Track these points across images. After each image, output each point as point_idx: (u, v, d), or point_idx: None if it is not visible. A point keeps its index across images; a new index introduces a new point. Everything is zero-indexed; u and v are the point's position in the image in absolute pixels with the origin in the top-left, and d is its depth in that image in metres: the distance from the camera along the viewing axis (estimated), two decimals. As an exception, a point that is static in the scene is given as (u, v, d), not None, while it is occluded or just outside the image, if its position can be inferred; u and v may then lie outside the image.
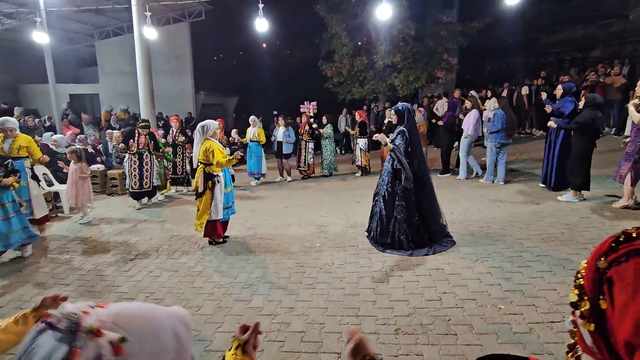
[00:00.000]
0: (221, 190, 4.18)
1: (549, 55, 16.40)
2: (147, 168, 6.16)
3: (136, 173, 6.09)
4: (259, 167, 8.04)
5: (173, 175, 7.31)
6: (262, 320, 2.71)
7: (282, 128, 8.26)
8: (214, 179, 4.12)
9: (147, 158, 6.16)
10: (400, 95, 12.08)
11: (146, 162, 6.15)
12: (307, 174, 8.56)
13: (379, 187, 4.11)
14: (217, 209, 4.16)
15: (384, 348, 2.35)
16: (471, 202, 5.42)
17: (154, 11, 10.25)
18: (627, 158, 4.48)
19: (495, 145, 6.39)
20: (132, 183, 6.10)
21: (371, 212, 4.22)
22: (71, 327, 0.50)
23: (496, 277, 3.13)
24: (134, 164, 6.10)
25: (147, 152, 6.16)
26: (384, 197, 3.98)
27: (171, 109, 14.04)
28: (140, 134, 6.14)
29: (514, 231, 4.12)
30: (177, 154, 7.23)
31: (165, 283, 3.43)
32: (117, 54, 15.27)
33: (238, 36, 18.80)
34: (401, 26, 11.02)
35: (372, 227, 4.15)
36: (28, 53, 14.19)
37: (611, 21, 13.83)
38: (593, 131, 4.85)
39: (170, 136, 7.24)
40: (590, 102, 4.88)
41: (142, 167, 6.11)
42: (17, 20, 12.06)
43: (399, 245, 3.83)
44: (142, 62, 9.14)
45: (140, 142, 6.11)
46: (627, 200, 4.53)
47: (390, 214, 3.91)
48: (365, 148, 8.31)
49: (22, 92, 16.06)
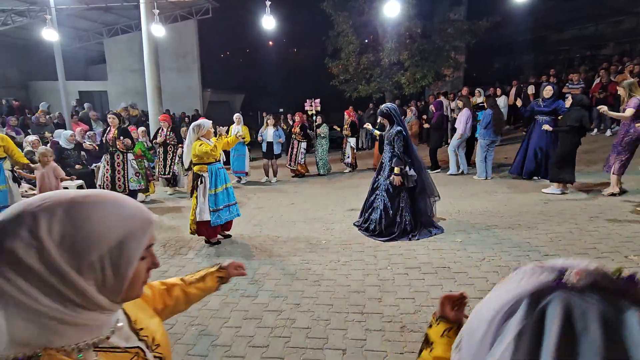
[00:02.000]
0: (205, 191, 4.00)
1: (558, 53, 16.18)
2: (119, 169, 5.54)
3: (108, 175, 5.53)
4: (242, 166, 7.83)
5: (163, 176, 6.90)
6: (268, 316, 2.73)
7: (271, 128, 7.98)
8: (200, 178, 4.01)
9: (118, 158, 5.54)
10: (406, 93, 12.04)
11: (118, 163, 5.54)
12: (299, 173, 8.51)
13: (379, 181, 4.30)
14: (201, 210, 3.98)
15: (389, 345, 2.35)
16: (478, 200, 5.39)
17: (162, 9, 10.32)
18: (613, 149, 4.91)
19: (485, 142, 6.64)
20: (104, 185, 5.53)
21: (368, 205, 4.39)
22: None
23: (503, 276, 3.10)
24: (106, 164, 5.54)
25: (118, 152, 5.49)
26: (388, 191, 4.17)
27: (178, 106, 14.16)
28: (110, 129, 5.47)
29: (521, 230, 4.09)
30: (168, 153, 6.79)
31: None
32: (126, 52, 15.43)
33: (245, 34, 18.86)
34: (408, 23, 10.95)
35: (371, 220, 4.30)
36: (38, 50, 14.42)
37: (622, 18, 13.60)
38: (581, 130, 5.18)
39: (161, 135, 6.73)
40: (577, 103, 5.19)
41: (114, 168, 5.50)
42: (28, 18, 12.22)
43: (403, 232, 4.09)
44: (150, 60, 9.22)
45: (109, 137, 5.42)
46: (613, 188, 4.92)
47: (396, 205, 4.13)
48: (355, 147, 8.60)
49: (32, 89, 16.31)
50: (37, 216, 0.53)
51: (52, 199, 0.55)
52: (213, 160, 4.01)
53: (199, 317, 2.81)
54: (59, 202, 0.55)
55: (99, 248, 0.55)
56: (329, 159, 8.90)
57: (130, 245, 0.57)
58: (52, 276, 0.52)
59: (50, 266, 0.52)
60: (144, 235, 0.59)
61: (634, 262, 3.17)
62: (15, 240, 0.51)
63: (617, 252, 3.37)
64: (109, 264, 0.56)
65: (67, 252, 0.53)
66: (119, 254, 0.56)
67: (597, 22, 14.43)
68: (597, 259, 3.26)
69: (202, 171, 4.01)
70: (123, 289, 0.59)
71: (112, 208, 0.57)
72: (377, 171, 4.46)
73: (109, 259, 0.56)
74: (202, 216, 4.01)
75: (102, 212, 0.56)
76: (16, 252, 0.51)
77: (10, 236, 0.51)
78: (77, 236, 0.53)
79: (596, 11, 13.79)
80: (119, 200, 0.59)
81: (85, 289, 0.54)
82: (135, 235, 0.58)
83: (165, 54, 13.16)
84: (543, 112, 5.79)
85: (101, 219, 0.55)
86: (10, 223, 0.52)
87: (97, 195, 0.58)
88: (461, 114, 7.10)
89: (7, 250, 0.51)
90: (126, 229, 0.57)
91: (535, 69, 14.40)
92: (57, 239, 0.52)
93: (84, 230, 0.54)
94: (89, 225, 0.54)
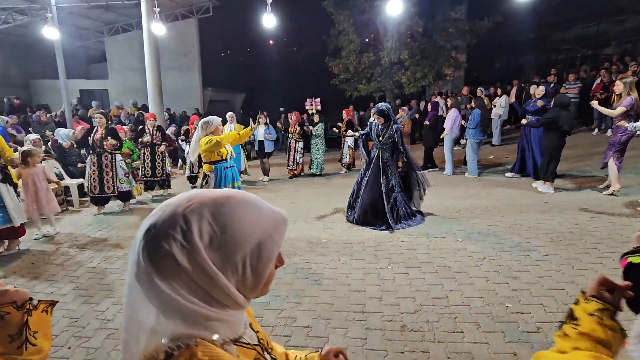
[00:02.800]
0: None
1: (560, 53, 16.12)
2: (108, 171, 5.41)
3: (95, 176, 5.38)
4: (238, 164, 7.68)
5: (148, 178, 6.55)
6: (269, 315, 2.74)
7: (262, 126, 7.90)
8: (207, 178, 3.96)
9: (106, 159, 5.39)
10: (406, 92, 12.01)
11: (106, 164, 5.39)
12: (295, 173, 8.49)
13: (370, 175, 4.59)
14: None
15: (389, 344, 2.35)
16: (478, 200, 5.38)
17: (163, 7, 10.31)
18: (610, 147, 5.01)
19: (475, 141, 6.85)
20: (92, 187, 5.40)
21: (360, 198, 4.66)
22: None
23: (503, 276, 3.12)
24: (93, 165, 5.39)
25: (106, 153, 5.36)
26: (385, 183, 4.49)
27: (179, 105, 14.16)
28: (97, 129, 5.34)
29: (522, 230, 4.09)
30: (156, 154, 6.49)
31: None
32: (126, 50, 15.42)
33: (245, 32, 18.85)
34: (410, 22, 10.92)
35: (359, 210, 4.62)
36: (39, 49, 14.43)
37: (625, 17, 13.53)
38: (559, 129, 5.30)
39: (148, 135, 6.42)
40: (556, 102, 5.40)
41: (101, 169, 5.37)
42: (29, 17, 12.22)
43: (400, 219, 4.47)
44: (151, 58, 9.21)
45: (96, 137, 5.30)
46: (614, 186, 4.97)
47: (390, 193, 4.49)
48: (353, 145, 8.53)
49: (33, 87, 16.32)
50: (188, 218, 0.53)
51: (196, 200, 0.56)
52: (219, 159, 3.86)
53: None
54: (204, 204, 0.56)
55: (243, 249, 0.56)
56: (326, 159, 8.86)
57: (268, 246, 0.59)
58: (202, 277, 0.53)
59: (200, 267, 0.53)
60: (279, 235, 0.61)
61: (635, 262, 3.17)
62: (171, 242, 0.52)
63: (618, 252, 3.37)
64: (249, 264, 0.57)
65: (215, 253, 0.54)
66: (259, 254, 0.58)
67: (599, 21, 14.36)
68: (598, 259, 3.26)
69: (209, 171, 3.94)
70: (259, 287, 0.60)
71: (251, 209, 0.58)
72: (365, 168, 4.77)
73: (249, 259, 0.57)
74: None
75: (243, 213, 0.57)
76: (173, 254, 0.52)
77: (167, 238, 0.52)
78: (224, 238, 0.54)
79: (599, 10, 13.73)
80: (256, 201, 0.60)
81: (229, 288, 0.56)
82: (272, 236, 0.59)
83: (166, 52, 13.15)
84: (529, 112, 6.07)
85: (243, 220, 0.56)
86: (165, 225, 0.53)
87: (237, 196, 0.59)
88: (449, 115, 7.37)
89: (165, 252, 0.52)
90: (264, 230, 0.58)
91: (537, 69, 14.34)
92: (207, 241, 0.54)
93: (229, 232, 0.55)
94: (234, 227, 0.55)
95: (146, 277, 0.53)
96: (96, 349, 2.47)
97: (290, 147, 8.37)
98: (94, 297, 3.16)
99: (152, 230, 0.54)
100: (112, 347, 2.48)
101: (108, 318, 2.83)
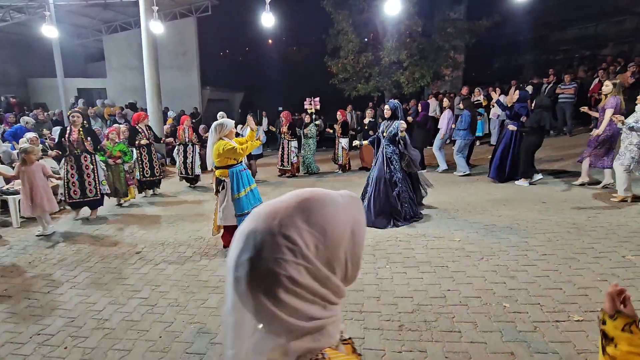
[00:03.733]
0: (226, 196, 3.83)
1: (557, 53, 16.16)
2: (89, 172, 5.08)
3: (75, 180, 5.02)
4: None
5: (148, 178, 6.52)
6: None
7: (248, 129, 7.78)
8: (222, 183, 3.88)
9: (86, 161, 5.06)
10: (405, 92, 12.01)
11: (86, 166, 5.06)
12: (290, 173, 8.44)
13: (380, 172, 4.64)
14: (224, 215, 3.82)
15: (387, 344, 2.35)
16: (477, 199, 5.39)
17: (161, 6, 10.27)
18: (589, 144, 5.37)
19: (465, 142, 7.01)
20: (72, 191, 5.03)
21: (368, 195, 4.71)
22: None
23: (501, 276, 3.12)
24: (70, 168, 5.00)
25: (85, 154, 5.04)
26: (390, 180, 4.57)
27: (177, 104, 14.12)
28: (72, 129, 4.95)
29: (520, 230, 4.09)
30: (152, 154, 6.48)
31: (171, 276, 3.47)
32: (125, 49, 15.37)
33: (244, 32, 18.81)
34: (408, 22, 10.91)
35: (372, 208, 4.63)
36: (37, 47, 14.35)
37: (624, 18, 13.58)
38: (540, 130, 5.68)
39: (144, 137, 6.35)
40: (538, 104, 5.62)
41: (81, 171, 5.03)
42: (27, 15, 12.17)
43: (405, 216, 4.55)
44: (149, 57, 9.17)
45: (72, 138, 4.93)
46: (607, 181, 5.31)
47: (393, 187, 4.57)
48: (347, 147, 8.49)
49: (31, 85, 16.25)
50: (288, 235, 0.52)
51: (278, 215, 0.54)
52: (234, 162, 3.80)
53: (197, 315, 2.81)
54: (291, 215, 0.54)
55: (342, 245, 0.56)
56: (320, 158, 8.81)
57: (358, 232, 0.59)
58: (319, 287, 0.54)
59: (318, 277, 0.53)
60: (361, 215, 0.61)
61: (632, 262, 3.18)
62: (283, 265, 0.51)
63: (614, 252, 3.38)
64: (350, 255, 0.58)
65: (323, 258, 0.54)
66: (354, 241, 0.58)
67: (598, 22, 14.40)
68: (594, 259, 3.27)
69: (224, 176, 3.83)
70: (358, 273, 0.61)
71: (332, 203, 0.57)
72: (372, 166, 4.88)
73: (349, 250, 0.57)
74: (225, 220, 3.86)
75: (329, 210, 0.56)
76: (291, 276, 0.51)
77: (278, 264, 0.51)
78: (326, 240, 0.54)
79: (597, 11, 13.76)
80: (330, 194, 0.59)
81: (340, 286, 0.56)
82: (357, 219, 0.59)
83: (165, 51, 13.10)
84: (507, 116, 6.23)
85: (333, 216, 0.56)
86: (268, 252, 0.51)
87: (310, 197, 0.57)
88: (443, 115, 7.47)
89: (281, 277, 0.51)
90: (350, 219, 0.58)
91: (535, 69, 14.37)
92: (314, 250, 0.53)
93: (329, 233, 0.54)
94: (330, 226, 0.55)
95: (264, 310, 0.52)
96: (92, 349, 2.46)
97: (283, 147, 8.34)
98: (90, 296, 3.15)
99: (255, 262, 0.51)
100: (108, 347, 2.47)
101: (105, 318, 2.82)
